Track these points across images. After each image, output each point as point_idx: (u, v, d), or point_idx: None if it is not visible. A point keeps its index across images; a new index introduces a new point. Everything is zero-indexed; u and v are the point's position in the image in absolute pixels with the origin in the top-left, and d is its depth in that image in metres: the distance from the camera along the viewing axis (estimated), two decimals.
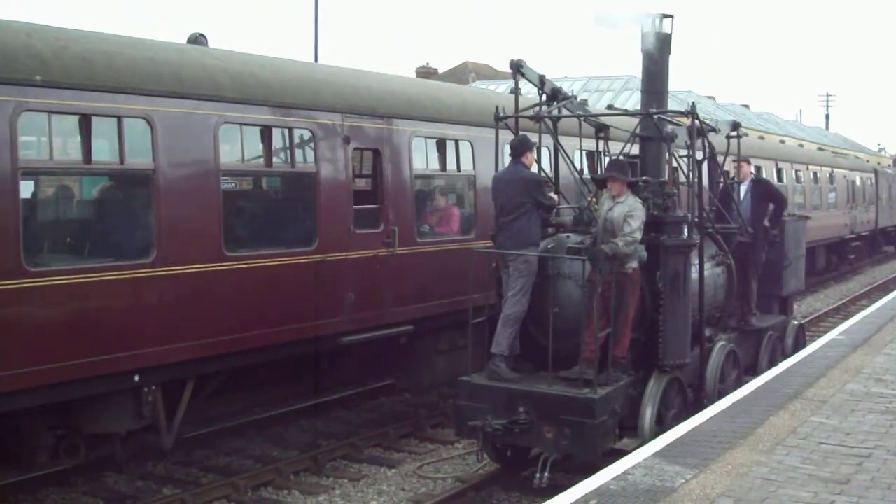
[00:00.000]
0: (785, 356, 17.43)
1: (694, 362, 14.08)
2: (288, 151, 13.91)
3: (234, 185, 14.32)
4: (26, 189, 11.24)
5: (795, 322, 19.73)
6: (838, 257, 42.85)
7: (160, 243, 11.75)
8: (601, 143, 15.81)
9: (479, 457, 13.35)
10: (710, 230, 15.33)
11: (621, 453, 11.26)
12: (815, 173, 39.28)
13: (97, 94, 11.25)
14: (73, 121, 11.36)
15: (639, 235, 12.61)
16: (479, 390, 12.73)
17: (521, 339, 13.24)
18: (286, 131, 13.74)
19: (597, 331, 12.22)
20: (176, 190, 11.98)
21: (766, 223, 17.46)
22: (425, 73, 67.46)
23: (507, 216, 13.17)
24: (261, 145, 13.52)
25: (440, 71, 75.66)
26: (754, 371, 16.46)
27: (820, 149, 54.72)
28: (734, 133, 17.49)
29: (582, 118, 15.27)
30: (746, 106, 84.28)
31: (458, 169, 16.90)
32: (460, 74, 74.25)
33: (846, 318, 26.13)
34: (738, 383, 14.99)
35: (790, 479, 9.56)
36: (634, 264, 12.69)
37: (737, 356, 15.58)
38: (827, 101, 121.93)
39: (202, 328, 12.24)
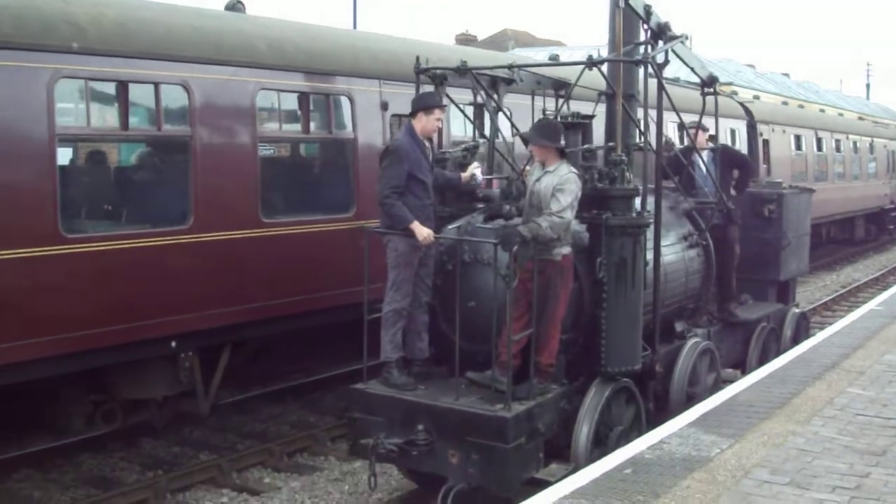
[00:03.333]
0: (782, 350, 15.40)
1: (662, 364, 12.04)
2: (326, 118, 13.91)
3: (271, 151, 14.33)
4: (63, 156, 11.27)
5: (797, 310, 17.28)
6: (878, 227, 42.61)
7: (197, 210, 11.79)
8: (561, 103, 12.77)
9: (370, 483, 10.52)
10: (684, 205, 13.73)
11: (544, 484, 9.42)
12: (855, 143, 38.99)
13: (134, 61, 11.26)
14: (110, 87, 11.40)
15: (569, 215, 10.10)
16: (374, 401, 10.52)
17: (434, 339, 11.05)
18: (324, 98, 13.74)
19: (510, 333, 9.77)
20: (213, 156, 12.02)
21: (732, 191, 15.07)
22: (464, 40, 67.46)
23: None
24: (298, 112, 13.54)
25: (479, 38, 75.58)
26: (743, 370, 14.69)
27: (860, 118, 54.24)
28: (710, 90, 14.83)
29: (517, 70, 12.64)
30: (787, 75, 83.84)
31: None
32: (500, 42, 74.11)
33: (885, 288, 25.99)
34: (716, 387, 12.89)
35: (826, 450, 9.50)
36: (565, 250, 10.23)
37: (714, 355, 13.26)
38: (868, 70, 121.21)
39: (239, 294, 12.30)
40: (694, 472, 8.86)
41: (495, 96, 12.55)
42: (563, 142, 10.55)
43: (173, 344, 11.73)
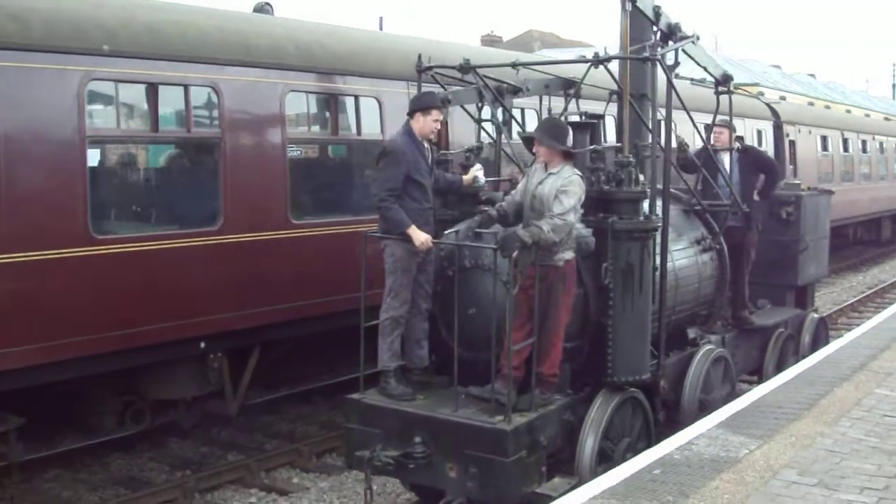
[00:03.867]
0: (800, 357, 14.98)
1: (672, 373, 11.74)
2: (354, 119, 13.94)
3: (299, 152, 14.37)
4: (93, 158, 11.36)
5: (815, 315, 16.63)
6: None
7: (227, 211, 11.85)
8: (571, 102, 12.42)
9: (366, 497, 10.00)
10: (696, 208, 13.23)
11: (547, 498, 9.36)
12: (881, 143, 38.79)
13: (164, 63, 11.34)
14: (139, 89, 11.47)
15: (572, 218, 9.67)
16: (371, 412, 10.16)
17: (434, 347, 10.71)
18: (352, 99, 13.80)
19: (510, 342, 9.39)
20: (242, 158, 12.07)
21: (756, 196, 14.46)
22: (490, 41, 67.26)
23: None
24: (326, 113, 13.60)
25: (504, 39, 75.50)
26: (760, 377, 14.33)
27: (887, 119, 54.03)
28: (724, 88, 14.24)
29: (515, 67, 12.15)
30: (813, 75, 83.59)
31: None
32: (525, 43, 74.04)
33: None
34: (731, 396, 12.51)
35: (854, 451, 9.48)
36: (567, 255, 9.82)
37: (728, 363, 12.89)
38: (894, 71, 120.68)
39: (268, 295, 12.33)
40: (722, 472, 8.87)
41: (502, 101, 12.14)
42: (570, 143, 10.25)
43: (202, 345, 11.79)
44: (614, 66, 11.44)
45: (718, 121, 14.56)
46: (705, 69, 13.89)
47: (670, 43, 12.31)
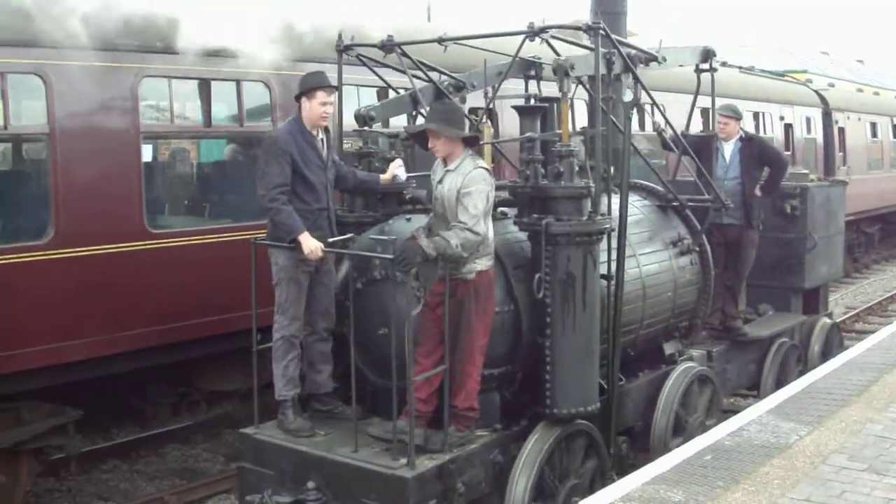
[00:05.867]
0: (807, 368, 13.49)
1: (641, 396, 10.51)
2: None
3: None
4: (147, 153, 11.48)
5: (828, 321, 14.90)
6: None
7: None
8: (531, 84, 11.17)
9: None
10: (674, 204, 11.55)
11: None
12: None
13: (216, 59, 11.07)
14: (192, 85, 11.56)
15: (483, 227, 8.02)
16: (265, 449, 8.76)
17: (345, 373, 8.98)
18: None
19: (410, 372, 7.90)
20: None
21: (758, 191, 12.81)
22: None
23: None
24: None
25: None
26: (758, 392, 13.05)
27: None
28: (705, 65, 12.15)
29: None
30: (861, 61, 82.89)
31: None
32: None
33: None
34: (716, 419, 11.08)
35: None
36: (480, 265, 8.20)
37: (711, 382, 11.29)
38: None
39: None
40: (773, 458, 8.90)
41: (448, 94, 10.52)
42: (466, 129, 8.68)
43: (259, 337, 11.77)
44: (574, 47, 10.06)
45: (723, 109, 12.89)
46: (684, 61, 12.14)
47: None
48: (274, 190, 8.60)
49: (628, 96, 10.41)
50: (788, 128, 26.65)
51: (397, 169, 9.66)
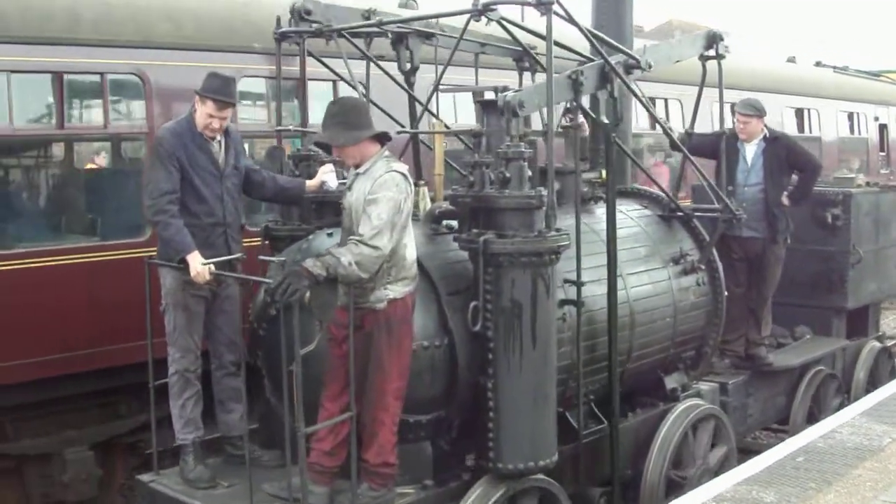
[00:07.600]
0: (852, 399, 12.05)
1: (632, 440, 8.98)
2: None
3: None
4: None
5: (877, 344, 13.25)
6: None
7: None
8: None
9: None
10: (679, 213, 10.00)
11: None
12: None
13: (313, 60, 9.85)
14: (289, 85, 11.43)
15: (386, 241, 6.54)
16: (159, 500, 7.61)
17: (265, 413, 8.12)
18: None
19: (300, 422, 6.32)
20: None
21: (785, 200, 11.08)
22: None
23: None
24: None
25: (646, 29, 74.62)
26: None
27: None
28: (711, 53, 10.34)
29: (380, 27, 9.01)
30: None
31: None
32: (666, 32, 72.82)
33: None
34: (727, 464, 9.58)
35: None
36: (394, 291, 6.81)
37: (721, 423, 9.74)
38: None
39: None
40: (865, 461, 8.91)
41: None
42: (372, 127, 7.01)
43: None
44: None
45: (743, 106, 11.17)
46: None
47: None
48: (161, 199, 7.41)
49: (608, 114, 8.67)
50: (883, 128, 25.47)
51: (326, 174, 8.35)
